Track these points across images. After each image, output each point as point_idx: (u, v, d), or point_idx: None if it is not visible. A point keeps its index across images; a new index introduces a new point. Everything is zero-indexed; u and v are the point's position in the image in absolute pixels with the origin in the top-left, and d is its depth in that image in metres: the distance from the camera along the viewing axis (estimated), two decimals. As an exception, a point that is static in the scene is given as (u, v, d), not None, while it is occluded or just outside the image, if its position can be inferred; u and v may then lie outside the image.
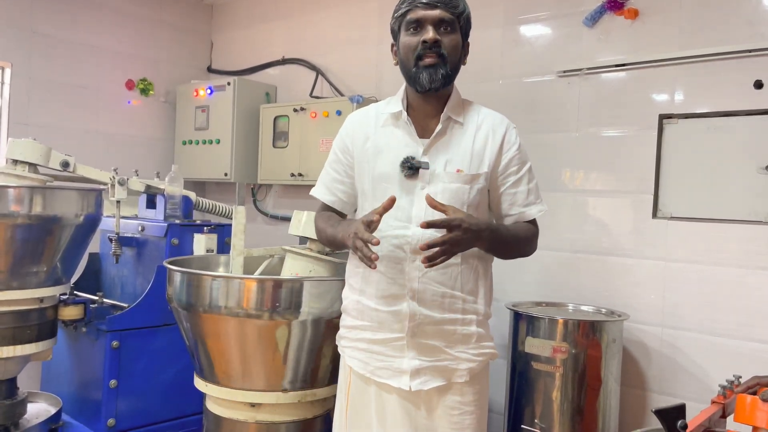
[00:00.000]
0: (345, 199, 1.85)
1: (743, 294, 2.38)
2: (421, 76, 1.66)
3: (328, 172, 1.87)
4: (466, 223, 1.53)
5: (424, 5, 1.65)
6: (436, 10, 1.65)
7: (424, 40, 1.64)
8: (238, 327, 2.07)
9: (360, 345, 1.76)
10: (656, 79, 2.59)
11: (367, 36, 3.58)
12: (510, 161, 1.73)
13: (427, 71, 1.66)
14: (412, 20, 1.67)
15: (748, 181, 2.37)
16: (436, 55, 1.65)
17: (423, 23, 1.66)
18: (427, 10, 1.65)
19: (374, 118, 1.79)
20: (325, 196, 1.87)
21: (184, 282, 2.18)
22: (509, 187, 1.74)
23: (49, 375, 3.05)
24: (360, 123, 1.81)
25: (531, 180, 1.77)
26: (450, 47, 1.67)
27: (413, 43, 1.67)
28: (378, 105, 1.83)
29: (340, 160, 1.83)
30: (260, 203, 4.09)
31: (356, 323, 1.78)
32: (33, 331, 2.51)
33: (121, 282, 3.12)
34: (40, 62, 3.65)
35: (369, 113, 1.82)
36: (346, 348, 1.82)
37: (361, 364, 1.76)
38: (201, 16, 4.44)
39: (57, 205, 2.46)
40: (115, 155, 3.85)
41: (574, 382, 2.39)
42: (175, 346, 2.75)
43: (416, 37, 1.66)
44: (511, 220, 1.77)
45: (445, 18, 1.66)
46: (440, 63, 1.66)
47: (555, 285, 2.84)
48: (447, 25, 1.66)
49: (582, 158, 2.79)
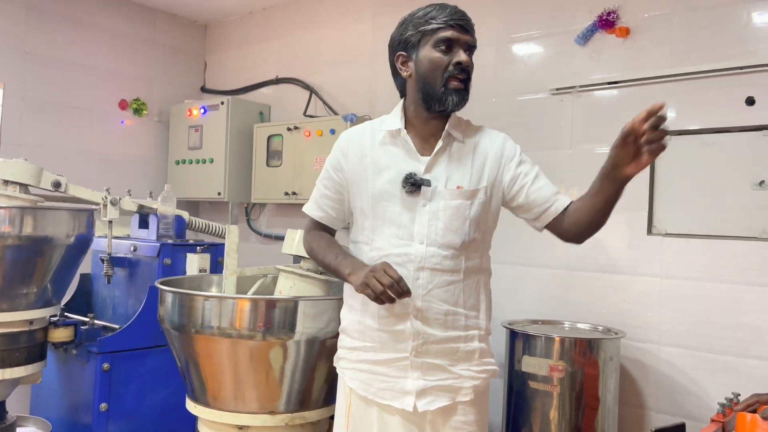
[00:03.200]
0: (334, 215, 1.84)
1: (740, 310, 2.37)
2: (449, 98, 1.66)
3: (319, 188, 1.86)
4: None
5: (460, 27, 1.67)
6: (468, 35, 1.68)
7: (459, 62, 1.65)
8: (231, 348, 2.04)
9: (361, 366, 1.74)
10: (648, 97, 2.60)
11: (361, 55, 3.60)
12: (519, 164, 1.73)
13: (457, 94, 1.66)
14: (445, 38, 1.66)
15: (742, 197, 2.37)
16: (465, 78, 1.68)
17: (455, 44, 1.66)
18: (462, 33, 1.67)
19: (370, 137, 1.77)
20: (314, 212, 1.86)
21: (175, 302, 2.15)
22: (531, 184, 1.71)
23: (38, 398, 2.99)
24: (354, 141, 1.79)
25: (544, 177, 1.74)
26: (471, 72, 1.71)
27: (444, 63, 1.66)
28: (372, 123, 1.82)
29: (332, 177, 1.81)
30: (254, 222, 4.07)
31: (357, 344, 1.75)
32: (22, 354, 2.47)
33: (113, 303, 3.08)
34: (34, 82, 3.64)
35: (364, 131, 1.80)
36: (347, 369, 1.78)
37: (363, 386, 1.73)
38: (195, 36, 4.45)
39: (48, 226, 2.44)
40: (108, 175, 3.84)
41: (572, 401, 2.36)
42: (166, 368, 2.71)
43: (447, 57, 1.66)
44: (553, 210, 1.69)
45: (474, 44, 1.70)
46: (465, 88, 1.69)
47: (551, 303, 2.82)
48: (472, 50, 1.70)
49: (576, 175, 2.79)
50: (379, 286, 1.53)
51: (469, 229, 1.68)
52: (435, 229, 1.64)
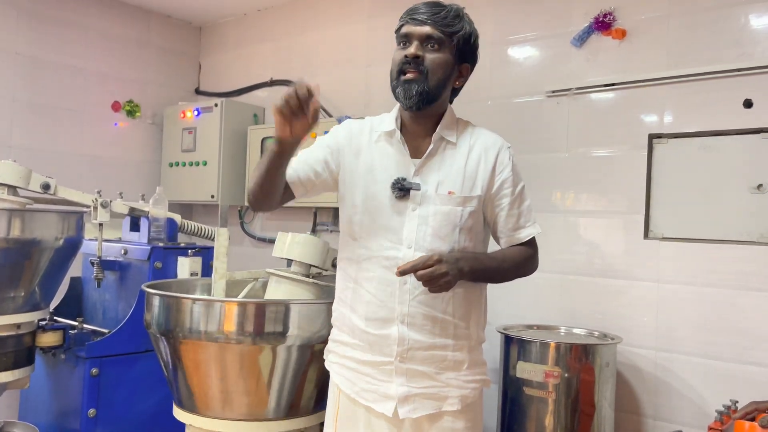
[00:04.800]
0: (303, 178, 1.71)
1: (737, 316, 2.34)
2: (398, 91, 1.65)
3: (303, 152, 1.75)
4: (442, 255, 1.54)
5: (414, 21, 1.65)
6: (425, 27, 1.64)
7: (405, 54, 1.64)
8: (219, 353, 2.01)
9: (348, 363, 1.72)
10: (645, 99, 2.58)
11: (356, 57, 3.57)
12: (503, 184, 1.70)
13: (402, 86, 1.64)
14: (402, 34, 1.67)
15: (740, 200, 2.34)
16: (415, 70, 1.62)
17: (411, 38, 1.65)
18: (416, 25, 1.65)
19: (368, 133, 1.75)
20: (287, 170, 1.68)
21: (162, 306, 2.11)
22: (502, 210, 1.71)
23: (26, 403, 2.96)
24: (354, 134, 1.76)
25: (522, 202, 1.74)
26: (433, 64, 1.63)
27: (398, 58, 1.66)
28: (373, 120, 1.79)
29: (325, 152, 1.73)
30: (248, 225, 4.04)
31: (347, 339, 1.73)
32: (9, 358, 2.44)
33: (103, 307, 3.04)
34: (24, 84, 3.61)
35: (363, 127, 1.77)
36: (334, 364, 1.77)
37: (348, 383, 1.71)
38: (189, 38, 4.42)
39: (36, 228, 2.41)
40: (101, 177, 3.79)
41: (567, 407, 2.33)
42: (156, 374, 2.66)
43: (402, 52, 1.66)
44: (504, 243, 1.76)
45: (433, 35, 1.63)
46: (419, 79, 1.62)
47: (546, 307, 2.79)
48: (434, 42, 1.64)
49: (572, 178, 2.76)
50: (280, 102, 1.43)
51: (459, 237, 1.65)
52: (423, 235, 1.62)
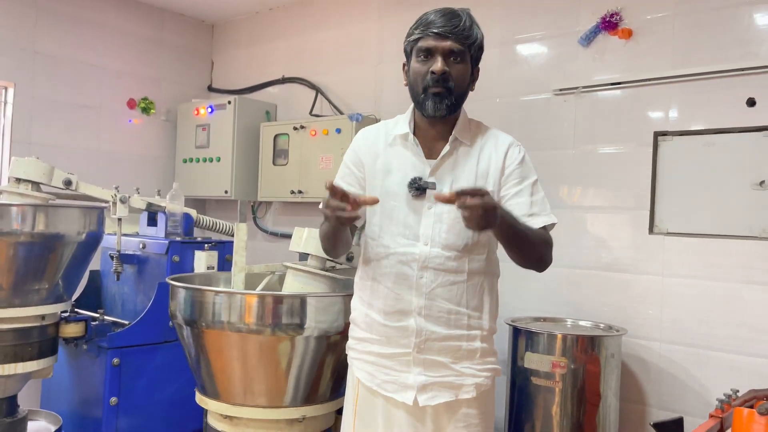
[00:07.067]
0: None
1: (740, 309, 2.40)
2: (426, 104, 1.69)
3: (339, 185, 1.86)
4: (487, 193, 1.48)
5: (435, 35, 1.66)
6: (447, 42, 1.66)
7: (433, 71, 1.66)
8: (240, 342, 2.09)
9: (368, 358, 1.78)
10: (651, 97, 2.63)
11: (367, 55, 3.63)
12: (510, 175, 1.75)
13: (432, 99, 1.68)
14: (423, 48, 1.68)
15: (743, 196, 2.40)
16: (444, 87, 1.67)
17: (433, 53, 1.67)
18: (438, 40, 1.66)
19: (383, 137, 1.81)
20: None
21: (187, 298, 2.19)
22: (510, 198, 1.74)
23: (49, 393, 3.04)
24: (370, 141, 1.83)
25: (535, 193, 1.76)
26: (458, 78, 1.69)
27: (422, 72, 1.69)
28: (387, 123, 1.85)
29: (353, 173, 1.83)
30: (260, 220, 4.11)
31: (365, 335, 1.79)
32: (34, 349, 2.50)
33: (122, 299, 3.12)
34: (43, 82, 3.69)
35: (379, 132, 1.83)
36: (355, 360, 1.83)
37: (369, 377, 1.77)
38: (202, 35, 4.49)
39: (59, 223, 2.48)
40: (116, 173, 3.87)
41: (574, 397, 2.39)
42: (175, 363, 2.76)
43: (426, 66, 1.68)
44: None
45: (455, 49, 1.67)
46: (446, 93, 1.68)
47: (554, 300, 2.86)
48: (456, 55, 1.68)
49: (579, 175, 2.82)
50: (328, 212, 1.54)
51: (473, 233, 1.69)
52: (439, 231, 1.68)
